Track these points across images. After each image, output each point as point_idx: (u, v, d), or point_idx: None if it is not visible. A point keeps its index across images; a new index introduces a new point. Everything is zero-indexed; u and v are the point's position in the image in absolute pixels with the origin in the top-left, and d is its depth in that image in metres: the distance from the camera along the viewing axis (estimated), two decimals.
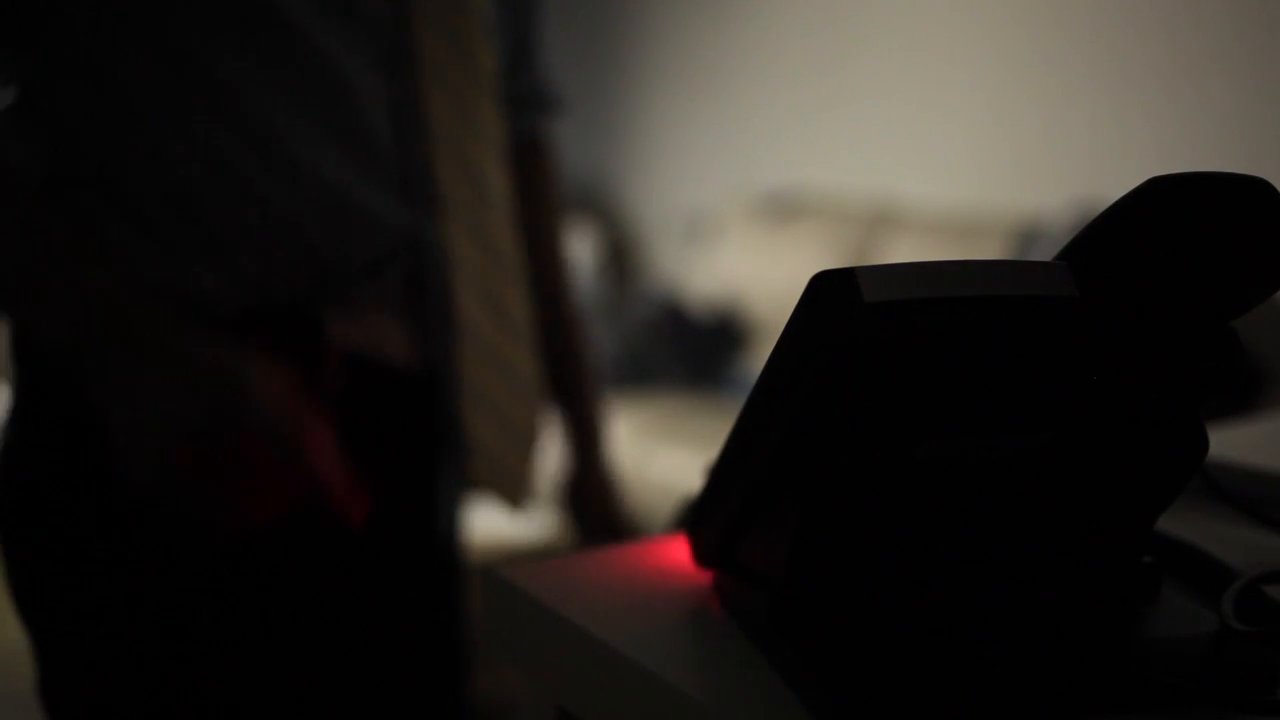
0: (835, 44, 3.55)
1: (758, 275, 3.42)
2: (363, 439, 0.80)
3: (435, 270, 0.83)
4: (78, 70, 0.73)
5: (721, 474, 0.47)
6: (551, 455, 1.01)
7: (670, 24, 4.11)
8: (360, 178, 0.78)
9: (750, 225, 3.56)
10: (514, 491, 0.91)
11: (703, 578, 0.52)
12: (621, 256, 4.26)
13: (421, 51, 0.81)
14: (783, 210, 3.51)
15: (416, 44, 0.80)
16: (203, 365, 0.68)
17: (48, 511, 0.76)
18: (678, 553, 0.55)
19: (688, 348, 3.33)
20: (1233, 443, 0.68)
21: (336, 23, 0.76)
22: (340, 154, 0.77)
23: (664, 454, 2.85)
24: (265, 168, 0.74)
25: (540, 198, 1.02)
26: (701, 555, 0.51)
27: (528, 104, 0.99)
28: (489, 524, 2.15)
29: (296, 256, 0.77)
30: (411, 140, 0.81)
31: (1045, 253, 2.55)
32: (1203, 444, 0.42)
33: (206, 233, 0.75)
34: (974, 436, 0.40)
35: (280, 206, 0.75)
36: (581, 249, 4.07)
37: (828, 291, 0.37)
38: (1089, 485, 0.43)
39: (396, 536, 0.86)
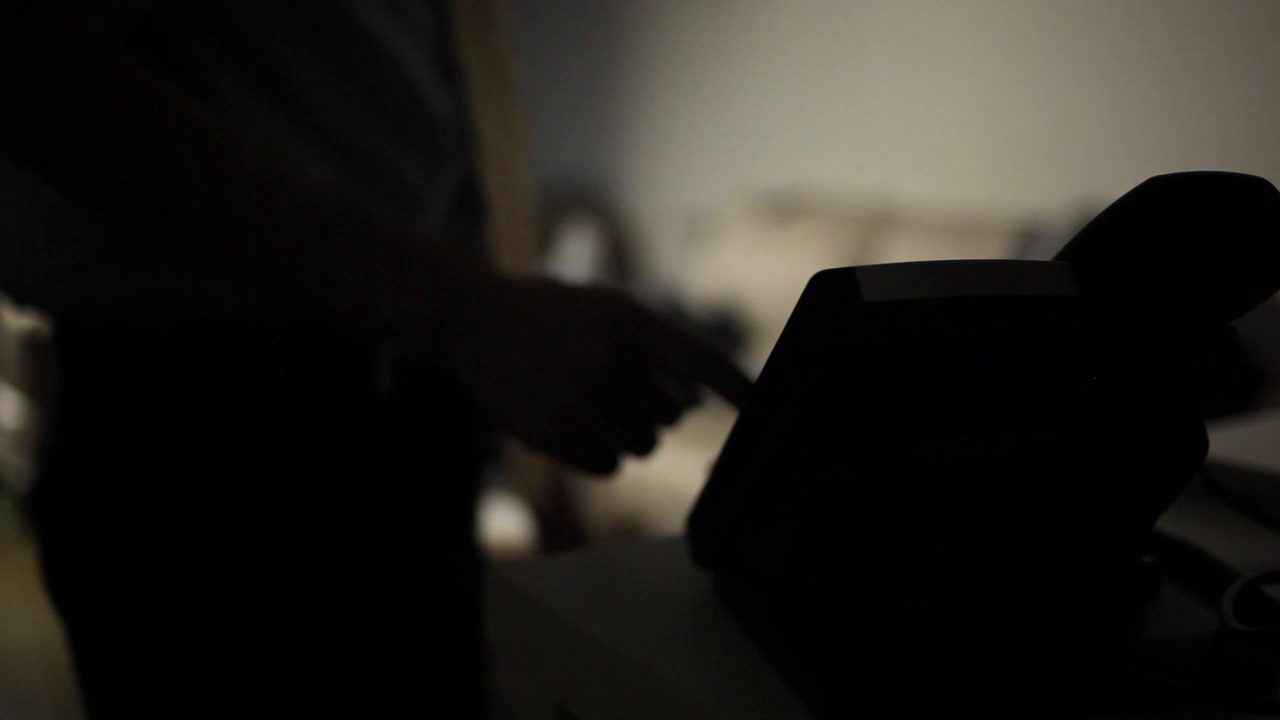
0: (835, 44, 3.55)
1: (757, 275, 3.42)
2: (411, 439, 0.82)
3: None
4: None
5: (722, 473, 0.47)
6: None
7: (670, 24, 4.11)
8: (426, 183, 0.79)
9: (750, 225, 3.56)
10: (537, 491, 0.93)
11: (703, 577, 0.52)
12: (621, 256, 4.26)
13: (465, 64, 0.82)
14: (783, 210, 3.52)
15: (459, 57, 0.82)
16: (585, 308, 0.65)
17: (96, 516, 0.76)
18: (678, 553, 0.55)
19: None
20: (1233, 443, 0.68)
21: (403, 32, 0.77)
22: (409, 160, 0.78)
23: (664, 454, 2.85)
24: (332, 166, 0.75)
25: None
26: (701, 554, 0.51)
27: None
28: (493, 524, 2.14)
29: None
30: (468, 152, 0.83)
31: (1045, 253, 2.55)
32: (1203, 444, 0.42)
33: None
34: (975, 436, 0.40)
35: None
36: (581, 249, 4.07)
37: (828, 291, 0.37)
38: (1089, 485, 0.43)
39: (438, 535, 0.87)
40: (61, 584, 0.78)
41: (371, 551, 0.80)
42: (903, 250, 3.08)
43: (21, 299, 0.77)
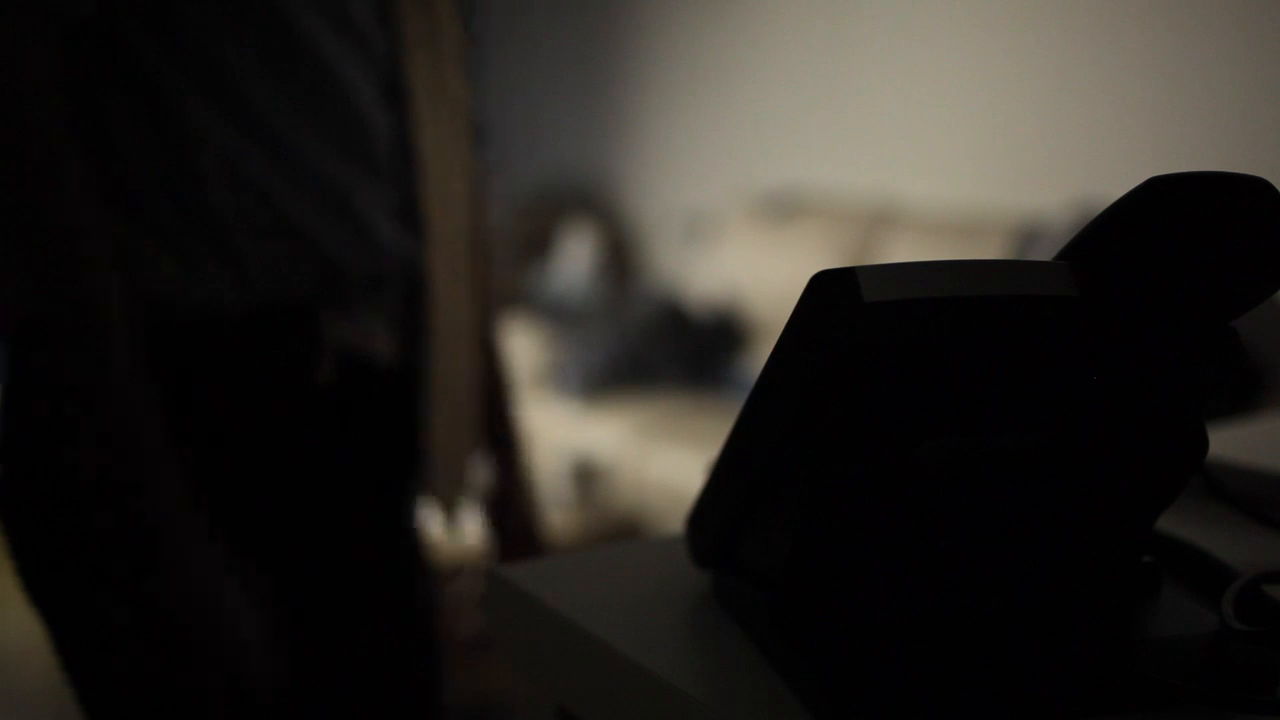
0: (835, 44, 3.55)
1: (757, 275, 3.42)
2: (347, 431, 0.86)
3: (423, 293, 0.88)
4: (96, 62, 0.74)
5: (721, 473, 0.47)
6: (480, 474, 1.07)
7: (670, 24, 4.11)
8: (368, 199, 0.82)
9: (750, 225, 3.56)
10: (452, 499, 0.95)
11: (703, 578, 0.52)
12: (621, 256, 4.25)
13: (412, 85, 0.85)
14: (783, 210, 3.51)
15: (408, 79, 0.84)
16: None
17: (49, 503, 0.77)
18: (678, 553, 0.55)
19: (688, 347, 3.33)
20: (1233, 443, 0.68)
21: (350, 50, 0.80)
22: (350, 173, 0.81)
23: (664, 454, 2.85)
24: (278, 171, 0.77)
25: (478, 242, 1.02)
26: (701, 554, 0.51)
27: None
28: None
29: (305, 265, 0.80)
30: (408, 171, 0.86)
31: (1045, 253, 2.55)
32: (1203, 444, 0.42)
33: (218, 234, 0.77)
34: (974, 436, 0.40)
35: (293, 212, 0.78)
36: (581, 249, 4.07)
37: (828, 291, 0.37)
38: (1089, 485, 0.43)
39: (374, 529, 0.89)
40: (31, 579, 0.79)
41: (313, 532, 0.84)
42: (903, 250, 3.08)
43: None
